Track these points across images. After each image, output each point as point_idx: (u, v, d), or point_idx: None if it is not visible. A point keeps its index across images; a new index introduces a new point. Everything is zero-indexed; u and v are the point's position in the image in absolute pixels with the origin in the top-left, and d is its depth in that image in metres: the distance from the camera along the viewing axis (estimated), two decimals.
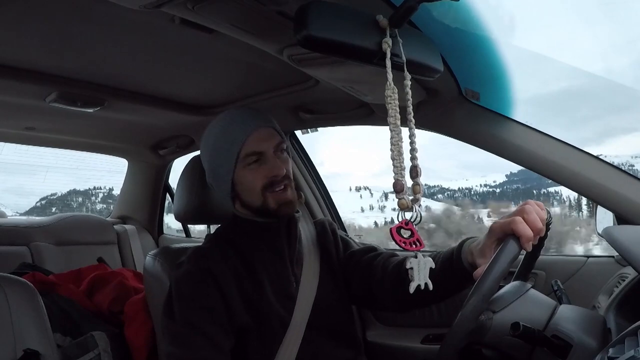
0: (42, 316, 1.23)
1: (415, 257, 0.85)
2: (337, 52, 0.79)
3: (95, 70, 1.44)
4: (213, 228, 1.42)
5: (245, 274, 1.14)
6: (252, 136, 1.14)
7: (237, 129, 1.15)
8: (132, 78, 1.52)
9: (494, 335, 0.86)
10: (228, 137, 1.15)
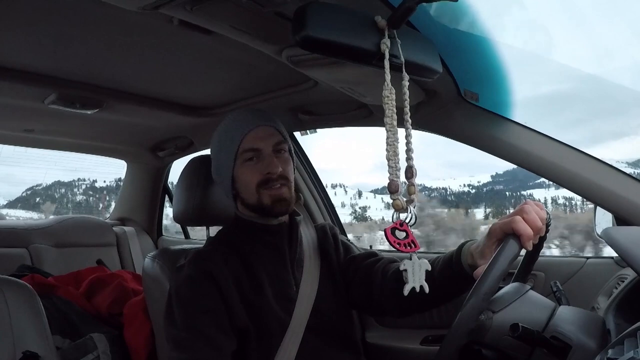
0: (41, 318, 1.23)
1: (410, 258, 0.85)
2: (335, 53, 0.79)
3: (93, 72, 1.44)
4: (212, 230, 1.42)
5: (245, 276, 1.14)
6: (251, 133, 1.17)
7: (237, 127, 1.18)
8: (130, 80, 1.52)
9: (493, 335, 0.86)
10: (229, 134, 1.19)
